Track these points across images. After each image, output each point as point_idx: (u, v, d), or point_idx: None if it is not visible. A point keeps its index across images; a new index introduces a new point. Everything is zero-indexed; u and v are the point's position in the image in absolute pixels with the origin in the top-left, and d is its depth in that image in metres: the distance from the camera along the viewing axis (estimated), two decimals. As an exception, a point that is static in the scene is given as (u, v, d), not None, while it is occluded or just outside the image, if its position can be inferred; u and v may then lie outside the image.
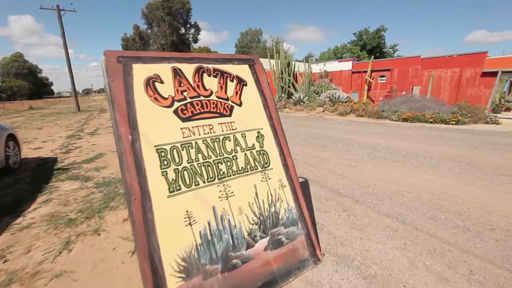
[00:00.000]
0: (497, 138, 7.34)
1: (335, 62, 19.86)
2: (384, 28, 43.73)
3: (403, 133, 8.16)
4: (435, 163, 4.70)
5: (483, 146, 6.21)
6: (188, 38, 49.57)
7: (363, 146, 6.05)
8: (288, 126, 9.48)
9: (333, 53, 46.17)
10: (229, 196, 1.75)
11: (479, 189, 3.47)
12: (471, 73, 12.71)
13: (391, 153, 5.40)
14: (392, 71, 15.93)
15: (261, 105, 2.15)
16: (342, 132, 8.34)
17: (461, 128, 9.57)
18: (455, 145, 6.32)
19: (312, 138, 7.12)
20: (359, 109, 13.98)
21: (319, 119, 12.47)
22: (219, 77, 2.00)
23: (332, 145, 6.19)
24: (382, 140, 6.83)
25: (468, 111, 11.50)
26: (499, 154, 5.48)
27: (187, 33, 49.34)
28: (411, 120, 11.36)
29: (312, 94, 18.11)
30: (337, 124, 10.37)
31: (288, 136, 7.46)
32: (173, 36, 45.30)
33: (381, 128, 9.34)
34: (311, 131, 8.38)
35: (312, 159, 4.97)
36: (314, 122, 11.06)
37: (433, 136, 7.49)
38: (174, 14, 44.97)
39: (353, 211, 2.80)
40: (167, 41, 44.23)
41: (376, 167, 4.44)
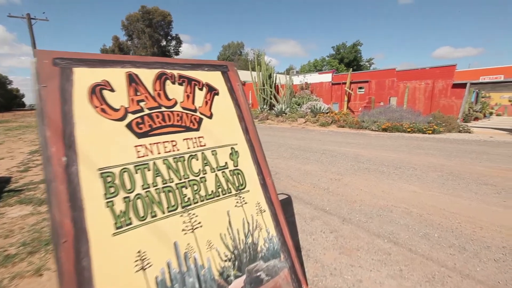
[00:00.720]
0: (472, 147, 7.53)
1: (316, 74, 20.27)
2: (360, 43, 45.81)
3: (384, 143, 8.20)
4: (419, 174, 4.62)
5: (461, 154, 6.30)
6: (169, 50, 49.18)
7: (347, 158, 5.93)
8: (270, 138, 9.28)
9: (313, 65, 47.56)
10: (196, 227, 1.43)
11: (466, 201, 3.36)
12: (442, 85, 13.32)
13: (375, 164, 5.29)
14: (370, 83, 16.42)
15: (236, 117, 1.88)
16: (324, 143, 8.24)
17: (437, 137, 9.83)
18: (435, 154, 6.37)
19: (295, 150, 6.93)
20: (340, 120, 14.15)
21: (301, 130, 12.42)
22: (186, 84, 1.72)
23: (315, 157, 6.01)
24: (364, 151, 6.77)
25: (442, 120, 11.94)
26: (477, 162, 5.55)
27: (168, 45, 49.03)
28: (390, 130, 11.59)
29: (293, 106, 18.22)
30: (319, 135, 10.32)
31: (271, 148, 7.26)
32: (154, 48, 44.78)
33: (362, 138, 9.38)
34: (294, 143, 8.22)
35: (295, 173, 4.73)
36: (297, 134, 10.97)
37: (413, 146, 7.57)
38: (154, 26, 44.65)
39: (341, 231, 2.55)
40: (148, 53, 43.56)
41: (361, 180, 4.27)
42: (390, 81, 15.42)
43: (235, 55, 62.59)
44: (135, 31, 44.18)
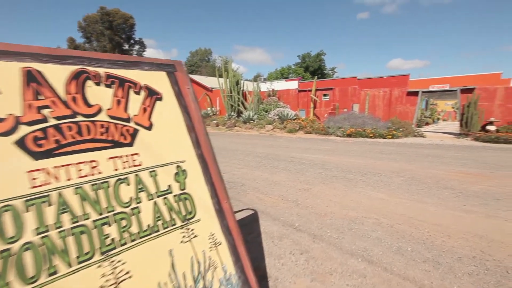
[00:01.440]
0: (427, 150, 7.99)
1: (282, 81, 20.57)
2: (323, 53, 48.08)
3: (349, 148, 8.36)
4: (384, 180, 4.64)
5: (419, 158, 6.59)
6: (132, 55, 46.78)
7: (315, 165, 5.83)
8: (238, 146, 8.96)
9: (280, 73, 48.63)
10: (122, 280, 1.05)
11: (431, 207, 3.37)
12: (398, 93, 14.26)
13: (343, 171, 5.25)
14: (334, 90, 17.04)
15: (184, 127, 1.53)
16: (292, 150, 8.15)
17: (397, 141, 10.36)
18: (396, 159, 6.58)
19: (263, 159, 6.69)
20: (307, 126, 14.37)
21: (269, 137, 12.31)
22: (116, 87, 1.34)
23: (283, 166, 5.82)
24: (331, 157, 6.78)
25: (400, 126, 12.71)
26: (434, 166, 5.80)
27: (131, 49, 46.67)
28: (354, 135, 12.00)
29: (261, 112, 18.19)
30: (287, 142, 10.27)
31: (238, 157, 6.93)
32: (115, 51, 42.15)
33: (329, 144, 9.51)
34: (262, 151, 8.00)
35: (262, 184, 4.45)
36: (265, 141, 10.80)
37: (376, 151, 7.80)
38: (115, 29, 42.23)
39: (312, 252, 2.30)
40: (107, 56, 40.87)
41: (330, 189, 4.14)
42: (352, 88, 16.15)
43: (203, 62, 61.78)
44: (93, 33, 41.34)
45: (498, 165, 5.94)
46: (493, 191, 4.01)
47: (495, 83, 11.61)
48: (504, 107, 11.45)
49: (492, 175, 5.02)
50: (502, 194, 3.86)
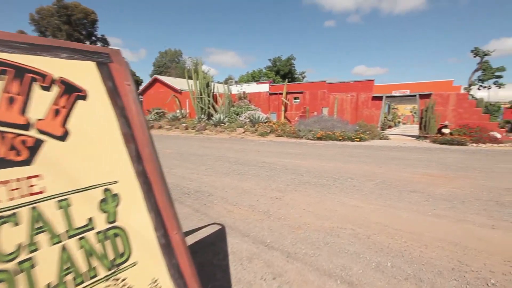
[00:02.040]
0: (393, 153, 8.27)
1: (254, 84, 20.44)
2: (293, 57, 49.10)
3: (320, 152, 8.36)
4: (356, 184, 4.57)
5: (387, 161, 6.74)
6: (92, 52, 43.54)
7: (287, 170, 5.63)
8: (207, 150, 8.50)
9: (251, 76, 48.69)
10: None
11: (404, 213, 3.30)
12: (364, 97, 14.85)
13: (315, 176, 5.11)
14: (304, 93, 17.28)
15: (119, 137, 1.15)
16: (264, 154, 7.92)
17: (364, 144, 10.67)
18: (366, 161, 6.66)
19: (233, 164, 6.35)
20: (278, 130, 14.31)
21: (240, 141, 12.00)
22: (10, 78, 0.93)
23: (254, 172, 5.54)
24: (303, 162, 6.65)
25: (366, 129, 13.19)
26: (401, 168, 5.94)
27: (92, 46, 43.40)
28: (324, 138, 12.16)
29: (232, 115, 17.83)
30: (258, 146, 10.04)
31: (207, 163, 6.50)
32: (72, 49, 38.88)
33: (300, 148, 9.46)
34: (232, 155, 7.65)
35: (231, 193, 4.11)
36: (235, 144, 10.46)
37: (346, 154, 7.87)
38: (74, 24, 39.00)
39: (286, 275, 2.01)
40: (64, 54, 37.57)
41: (304, 196, 3.93)
42: (321, 92, 16.50)
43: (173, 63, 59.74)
44: (49, 28, 37.71)
45: (456, 166, 6.25)
46: (457, 193, 4.11)
47: (448, 89, 12.58)
48: (456, 112, 12.43)
49: (453, 176, 5.23)
50: (466, 196, 3.95)
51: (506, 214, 3.30)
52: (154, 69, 58.38)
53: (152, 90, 28.77)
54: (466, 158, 7.38)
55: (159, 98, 26.60)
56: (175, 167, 6.04)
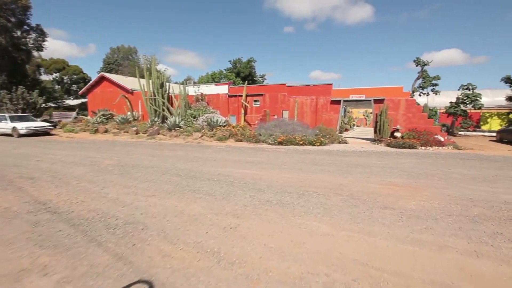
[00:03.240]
0: (355, 159, 8.12)
1: (212, 85, 19.41)
2: (253, 60, 49.01)
3: (282, 160, 7.81)
4: (323, 201, 4.02)
5: (351, 169, 6.44)
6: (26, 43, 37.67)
7: (245, 185, 4.89)
8: (155, 161, 7.34)
9: (211, 77, 47.27)
10: None
11: (382, 241, 2.79)
12: (323, 101, 14.95)
13: (277, 193, 4.46)
14: (264, 96, 16.85)
15: None
16: (220, 164, 7.08)
17: (325, 149, 10.49)
18: (330, 170, 6.26)
19: (183, 178, 5.40)
20: (237, 134, 13.57)
21: (196, 147, 10.94)
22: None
23: (207, 188, 4.68)
24: (264, 173, 5.99)
25: (326, 133, 13.20)
26: (366, 178, 5.63)
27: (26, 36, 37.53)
28: (285, 143, 11.76)
29: (189, 118, 16.58)
30: (215, 153, 9.15)
31: (151, 178, 5.31)
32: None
33: (260, 154, 8.82)
34: (184, 167, 6.65)
35: (174, 223, 3.22)
36: (190, 152, 9.41)
37: (308, 162, 7.45)
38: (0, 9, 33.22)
39: None
40: (-13, 43, 31.79)
41: (264, 223, 3.22)
42: (282, 95, 16.24)
43: (126, 60, 55.08)
44: (-39, 11, 31.50)
45: (416, 173, 6.20)
46: (427, 208, 3.81)
47: (399, 95, 13.23)
48: (406, 116, 13.12)
49: (417, 185, 5.05)
50: (437, 211, 3.66)
51: (481, 233, 3.01)
52: (103, 66, 53.18)
53: (99, 89, 25.83)
54: (421, 163, 7.50)
55: (107, 98, 23.92)
56: (109, 185, 4.87)
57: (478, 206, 3.91)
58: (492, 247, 2.69)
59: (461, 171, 6.52)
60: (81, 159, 7.58)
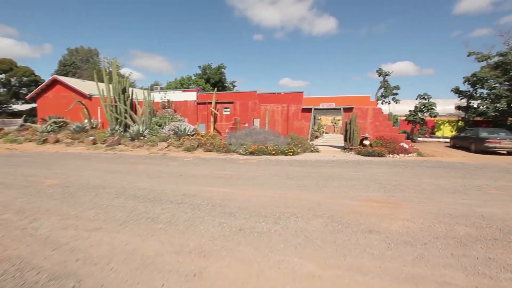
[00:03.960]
0: (329, 170, 7.90)
1: (179, 92, 18.43)
2: (223, 66, 48.47)
3: (254, 173, 7.31)
4: (303, 227, 3.56)
5: (327, 182, 6.13)
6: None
7: (214, 209, 4.27)
8: (109, 178, 6.35)
9: (180, 83, 45.67)
10: None
11: (376, 282, 2.37)
12: (295, 109, 14.86)
13: (250, 216, 3.91)
14: (234, 103, 16.34)
15: None
16: (186, 181, 6.35)
17: (298, 159, 10.23)
18: (306, 185, 5.88)
19: (140, 202, 4.61)
20: (207, 143, 12.83)
21: (161, 159, 10.00)
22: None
23: (168, 215, 3.97)
24: (235, 190, 5.41)
25: (298, 141, 13.02)
26: (343, 193, 5.34)
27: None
28: (257, 153, 11.30)
29: (154, 127, 15.42)
30: (182, 166, 8.35)
31: (100, 203, 3.59)
32: None
33: (231, 167, 8.23)
34: (143, 185, 5.82)
35: (120, 272, 2.50)
36: (153, 165, 8.50)
37: (283, 175, 7.02)
38: None
39: None
40: None
41: (236, 263, 2.64)
42: (252, 103, 15.87)
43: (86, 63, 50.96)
44: None
45: (390, 184, 6.09)
46: (413, 229, 3.54)
47: (366, 104, 13.60)
48: (373, 125, 13.49)
49: (395, 201, 4.85)
50: (423, 234, 3.39)
51: (474, 260, 2.75)
52: (58, 68, 48.64)
53: (51, 93, 23.32)
54: (393, 173, 7.50)
55: (61, 104, 21.63)
56: (43, 215, 3.92)
57: (460, 223, 3.74)
58: (491, 280, 2.42)
59: (431, 181, 6.57)
60: (15, 178, 6.32)
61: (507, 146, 13.34)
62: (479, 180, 6.74)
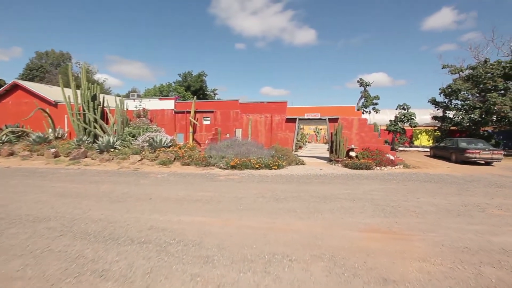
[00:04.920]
0: (318, 187, 7.22)
1: (156, 100, 17.24)
2: (204, 73, 47.53)
3: (237, 193, 6.44)
4: (301, 279, 2.76)
5: (319, 207, 5.41)
6: None
7: (186, 251, 3.36)
8: (61, 205, 5.15)
9: (159, 90, 43.97)
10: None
11: None
12: (278, 119, 14.25)
13: (233, 263, 3.05)
14: (215, 113, 15.47)
15: None
16: (156, 207, 5.37)
17: (284, 174, 9.51)
18: (296, 210, 5.12)
19: (89, 243, 3.59)
20: (184, 156, 11.79)
21: (131, 176, 8.85)
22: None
23: (123, 265, 3.01)
24: (214, 220, 4.53)
25: (282, 154, 12.34)
26: (340, 221, 4.64)
27: None
28: (239, 167, 10.46)
29: (127, 138, 14.11)
30: (154, 185, 7.30)
31: (34, 247, 2.46)
32: None
33: (211, 186, 7.30)
34: (100, 215, 4.77)
35: None
36: (120, 185, 7.38)
37: (269, 196, 6.23)
38: None
39: None
40: None
41: None
42: (234, 112, 15.09)
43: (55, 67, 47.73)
44: None
45: (388, 206, 5.50)
46: (435, 276, 2.86)
47: (351, 114, 13.29)
48: (359, 136, 13.17)
49: (400, 229, 4.22)
50: (450, 283, 2.72)
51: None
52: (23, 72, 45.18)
53: (11, 99, 21.16)
54: (386, 191, 6.97)
55: (22, 111, 19.62)
56: None
57: (485, 263, 3.13)
58: None
59: (429, 200, 6.08)
60: None
61: (485, 156, 13.58)
62: (476, 198, 6.36)
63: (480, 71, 20.40)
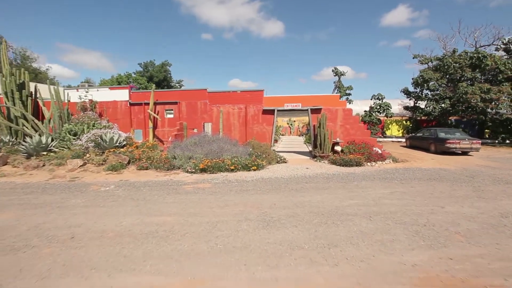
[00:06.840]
0: (315, 197, 5.63)
1: (105, 89, 14.31)
2: (168, 63, 43.71)
3: (210, 216, 4.54)
4: None
5: (329, 233, 3.77)
6: None
7: None
8: None
9: (117, 81, 39.28)
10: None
11: None
12: (254, 110, 12.46)
13: None
14: (179, 104, 13.17)
15: None
16: (76, 259, 3.30)
17: (267, 176, 7.79)
18: (302, 246, 3.41)
19: None
20: (142, 158, 9.50)
21: (60, 191, 6.43)
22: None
23: None
24: (172, 284, 2.65)
25: (261, 150, 10.63)
26: (375, 260, 3.06)
27: None
28: (210, 169, 8.52)
29: (66, 137, 11.26)
30: (89, 207, 5.09)
31: None
32: None
33: (172, 204, 5.28)
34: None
35: None
36: (34, 211, 5.04)
37: (254, 217, 4.44)
38: None
39: None
40: None
41: None
42: (202, 103, 12.95)
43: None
44: None
45: (418, 225, 4.08)
46: None
47: (336, 104, 11.99)
48: (344, 128, 11.94)
49: (464, 271, 2.75)
50: None
51: None
52: None
53: None
54: (398, 197, 5.64)
55: None
56: None
57: None
58: None
59: (457, 209, 4.82)
60: None
61: (465, 146, 13.30)
62: (503, 201, 5.27)
63: (449, 61, 20.55)
